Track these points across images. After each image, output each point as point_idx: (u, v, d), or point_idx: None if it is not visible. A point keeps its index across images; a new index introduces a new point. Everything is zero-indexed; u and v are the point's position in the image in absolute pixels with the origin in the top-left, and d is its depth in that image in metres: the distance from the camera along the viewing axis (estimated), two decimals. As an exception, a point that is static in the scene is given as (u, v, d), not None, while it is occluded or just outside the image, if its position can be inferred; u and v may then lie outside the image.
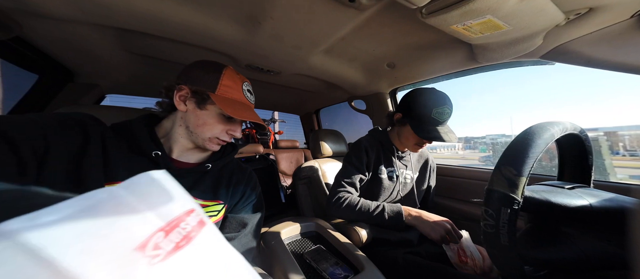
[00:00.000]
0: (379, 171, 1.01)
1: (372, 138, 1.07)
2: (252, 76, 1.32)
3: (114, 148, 0.51)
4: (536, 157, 0.44)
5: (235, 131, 0.62)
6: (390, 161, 1.03)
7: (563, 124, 0.52)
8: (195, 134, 0.59)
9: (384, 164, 1.02)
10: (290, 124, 4.73)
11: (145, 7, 0.71)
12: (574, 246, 0.47)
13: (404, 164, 1.06)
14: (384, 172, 1.01)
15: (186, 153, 0.63)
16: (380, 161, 1.03)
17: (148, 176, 0.19)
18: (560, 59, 0.84)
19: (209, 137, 0.59)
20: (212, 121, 0.58)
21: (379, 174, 1.01)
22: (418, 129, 0.88)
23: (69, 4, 0.67)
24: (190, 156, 0.63)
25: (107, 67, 1.14)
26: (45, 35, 0.84)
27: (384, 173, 1.01)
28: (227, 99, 0.57)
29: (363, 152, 1.00)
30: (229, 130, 0.61)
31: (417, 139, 0.92)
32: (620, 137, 3.60)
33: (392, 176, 1.02)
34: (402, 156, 1.05)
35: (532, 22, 0.69)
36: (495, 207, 0.43)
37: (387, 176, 1.01)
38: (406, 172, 1.05)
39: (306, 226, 0.97)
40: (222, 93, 0.57)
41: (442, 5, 0.64)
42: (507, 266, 0.46)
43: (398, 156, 1.04)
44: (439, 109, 0.87)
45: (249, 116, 0.59)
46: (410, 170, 1.06)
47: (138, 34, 0.85)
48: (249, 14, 0.80)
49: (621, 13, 0.62)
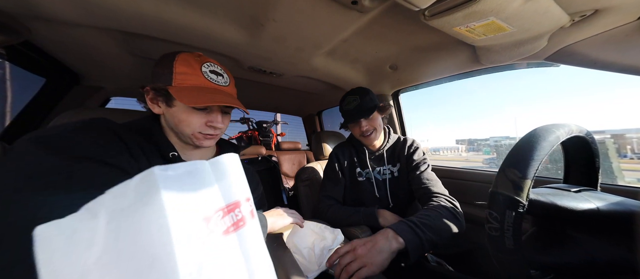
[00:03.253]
0: (356, 174, 1.05)
1: (346, 142, 1.16)
2: (255, 78, 1.33)
3: (147, 150, 0.52)
4: (541, 159, 0.44)
5: (214, 120, 0.56)
6: (365, 162, 1.05)
7: (569, 126, 0.51)
8: (179, 133, 0.56)
9: (359, 167, 1.06)
10: (292, 126, 4.73)
11: (150, 10, 0.72)
12: (581, 250, 0.46)
13: (378, 162, 1.06)
14: (362, 175, 1.05)
15: (188, 154, 0.61)
16: (354, 164, 1.07)
17: (226, 158, 0.23)
18: (566, 61, 0.83)
19: (192, 134, 0.55)
20: (184, 116, 0.53)
21: (358, 177, 1.05)
22: (344, 122, 1.04)
23: (75, 8, 0.69)
24: (193, 157, 0.62)
25: (112, 70, 1.15)
26: (52, 39, 0.86)
27: (363, 176, 1.05)
28: (184, 89, 0.51)
29: (334, 162, 1.08)
30: (208, 121, 0.56)
31: (357, 131, 1.01)
32: (628, 140, 3.55)
33: (370, 176, 1.03)
34: (374, 153, 1.07)
35: (536, 23, 0.68)
36: (500, 210, 0.43)
37: (366, 177, 1.04)
38: (383, 168, 1.04)
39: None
40: (178, 83, 0.51)
41: (445, 7, 0.64)
42: (513, 270, 0.45)
43: (370, 154, 1.06)
44: (344, 102, 1.02)
45: (215, 99, 0.51)
46: (389, 164, 1.05)
47: (143, 37, 0.86)
48: (251, 17, 0.80)
49: (627, 15, 0.62)
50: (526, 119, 70.22)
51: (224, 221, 0.19)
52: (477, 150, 9.46)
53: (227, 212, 0.19)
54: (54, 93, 1.14)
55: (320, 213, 1.01)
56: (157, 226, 0.16)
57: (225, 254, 0.18)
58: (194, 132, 0.55)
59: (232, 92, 0.60)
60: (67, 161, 0.36)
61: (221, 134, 0.62)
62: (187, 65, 0.52)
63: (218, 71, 0.57)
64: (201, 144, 0.58)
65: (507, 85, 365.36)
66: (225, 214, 0.19)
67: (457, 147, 24.22)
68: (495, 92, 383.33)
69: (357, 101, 0.98)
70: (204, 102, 0.50)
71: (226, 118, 0.61)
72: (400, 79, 1.34)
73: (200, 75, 0.53)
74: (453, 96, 24.24)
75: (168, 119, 0.56)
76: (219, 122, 0.57)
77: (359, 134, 1.01)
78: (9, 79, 1.23)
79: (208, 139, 0.58)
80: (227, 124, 0.63)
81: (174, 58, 0.52)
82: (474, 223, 1.20)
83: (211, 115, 0.56)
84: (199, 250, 0.16)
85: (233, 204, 0.20)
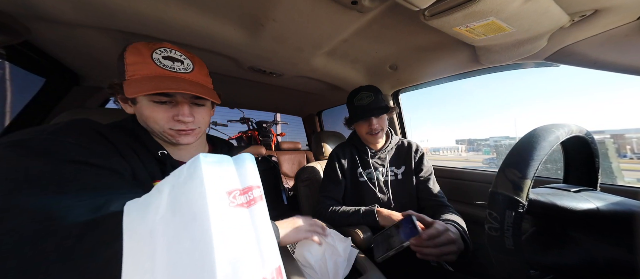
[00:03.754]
0: (358, 174, 1.03)
1: (347, 142, 1.13)
2: (255, 78, 1.33)
3: (137, 148, 0.50)
4: (541, 159, 0.44)
5: (179, 113, 0.50)
6: (367, 163, 1.04)
7: (568, 126, 0.51)
8: (152, 131, 0.53)
9: (361, 167, 1.04)
10: (292, 126, 4.74)
11: (149, 10, 0.72)
12: (581, 250, 0.46)
13: (380, 163, 1.04)
14: (363, 175, 1.02)
15: (178, 152, 0.58)
16: (356, 164, 1.05)
17: (245, 156, 0.31)
18: (565, 61, 0.83)
19: (162, 131, 0.51)
20: (148, 112, 0.49)
21: (359, 178, 1.03)
22: (352, 117, 1.03)
23: (75, 8, 0.69)
24: (183, 155, 0.59)
25: (112, 71, 1.15)
26: (52, 39, 0.86)
27: (364, 176, 1.02)
28: (134, 81, 0.46)
29: (334, 161, 1.05)
30: (174, 115, 0.51)
31: (365, 128, 1.00)
32: (627, 140, 3.55)
33: (371, 176, 1.02)
34: (376, 154, 1.05)
35: (536, 24, 0.68)
36: (500, 210, 0.43)
37: (367, 177, 1.02)
38: (386, 169, 1.03)
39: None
40: (130, 75, 0.47)
41: (445, 7, 0.64)
42: (512, 270, 0.45)
43: (372, 155, 1.04)
44: (357, 96, 1.00)
45: (160, 86, 0.46)
46: (393, 166, 1.04)
47: (142, 37, 0.86)
48: (251, 17, 0.80)
49: (627, 15, 0.62)
50: (526, 119, 70.17)
51: (241, 198, 0.26)
52: (477, 150, 9.46)
53: (242, 192, 0.27)
54: (53, 93, 1.14)
55: (319, 213, 1.00)
56: (198, 193, 0.24)
57: (241, 220, 0.25)
58: (163, 129, 0.51)
59: (197, 79, 0.53)
60: (53, 165, 0.33)
61: (199, 130, 0.57)
62: (137, 54, 0.48)
63: (175, 56, 0.51)
64: (178, 141, 0.53)
65: (507, 85, 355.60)
66: (242, 193, 0.27)
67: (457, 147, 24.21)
68: (495, 92, 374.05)
69: (371, 98, 0.97)
70: (154, 89, 0.44)
71: (199, 111, 0.55)
72: (400, 79, 1.34)
73: (151, 62, 0.48)
74: (453, 96, 24.10)
75: (138, 118, 0.53)
76: (187, 115, 0.51)
77: (366, 132, 0.99)
78: (8, 79, 1.23)
79: (183, 136, 0.53)
80: (204, 117, 0.57)
81: (125, 49, 0.48)
82: (474, 223, 1.20)
83: (176, 108, 0.51)
84: (223, 212, 0.24)
85: (247, 188, 0.28)
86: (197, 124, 0.55)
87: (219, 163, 0.27)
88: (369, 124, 0.97)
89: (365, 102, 0.97)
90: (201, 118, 0.56)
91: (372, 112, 0.95)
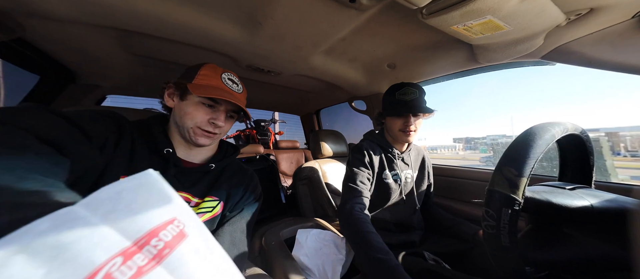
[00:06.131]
0: (384, 175, 0.98)
1: (371, 142, 1.05)
2: (253, 76, 1.32)
3: (139, 144, 0.56)
4: (537, 157, 0.44)
5: (217, 118, 0.61)
6: (392, 164, 1.01)
7: (564, 124, 0.52)
8: (181, 126, 0.60)
9: (387, 168, 1.00)
10: (290, 124, 4.72)
11: (145, 7, 0.71)
12: (575, 247, 0.47)
13: (406, 164, 1.04)
14: (389, 177, 0.99)
15: (188, 152, 0.64)
16: (384, 165, 1.00)
17: (134, 182, 0.18)
18: (562, 60, 0.83)
19: (192, 128, 0.60)
20: (191, 109, 0.59)
21: (385, 179, 0.98)
22: (389, 110, 0.97)
23: (69, 5, 0.68)
24: (193, 156, 0.65)
25: (108, 68, 1.14)
26: (46, 37, 0.85)
27: (389, 177, 0.99)
28: (201, 86, 0.58)
29: (365, 154, 0.98)
30: (211, 118, 0.61)
31: (399, 124, 0.95)
32: (621, 138, 3.60)
33: (397, 178, 1.00)
34: (402, 156, 1.04)
35: (532, 22, 0.68)
36: (496, 208, 0.43)
37: (393, 179, 0.99)
38: (407, 172, 1.04)
39: (306, 226, 0.97)
40: (198, 81, 0.59)
41: (443, 6, 0.64)
42: (508, 267, 0.46)
43: (398, 156, 1.03)
44: (401, 90, 0.94)
45: (222, 95, 0.58)
46: (411, 169, 1.05)
47: (138, 35, 0.85)
48: (249, 15, 0.80)
49: (622, 13, 0.62)
50: (522, 118, 70.66)
51: (138, 259, 0.15)
52: (474, 148, 9.53)
53: (140, 246, 0.16)
54: (48, 91, 1.12)
55: (346, 217, 0.81)
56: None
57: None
58: (194, 126, 0.60)
59: (242, 99, 0.66)
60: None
61: (220, 136, 0.66)
62: (211, 70, 0.61)
63: (235, 80, 0.65)
64: (197, 141, 0.60)
65: (504, 84, 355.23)
66: (140, 248, 0.16)
67: (454, 145, 24.29)
68: (492, 90, 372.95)
69: (415, 95, 0.93)
70: (212, 94, 0.57)
71: (229, 121, 0.66)
72: (398, 77, 1.34)
73: (219, 79, 0.61)
74: (450, 95, 24.24)
75: (176, 112, 0.62)
76: (221, 121, 0.62)
77: (399, 128, 0.94)
78: (1, 76, 1.21)
79: (205, 137, 0.61)
80: (229, 128, 0.67)
81: (203, 64, 0.62)
82: (471, 221, 1.21)
83: (216, 113, 0.61)
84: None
85: (147, 234, 0.16)
86: (222, 131, 0.65)
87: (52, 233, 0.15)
88: (406, 122, 0.93)
89: (409, 98, 0.92)
90: (227, 127, 0.66)
91: (414, 109, 0.90)
